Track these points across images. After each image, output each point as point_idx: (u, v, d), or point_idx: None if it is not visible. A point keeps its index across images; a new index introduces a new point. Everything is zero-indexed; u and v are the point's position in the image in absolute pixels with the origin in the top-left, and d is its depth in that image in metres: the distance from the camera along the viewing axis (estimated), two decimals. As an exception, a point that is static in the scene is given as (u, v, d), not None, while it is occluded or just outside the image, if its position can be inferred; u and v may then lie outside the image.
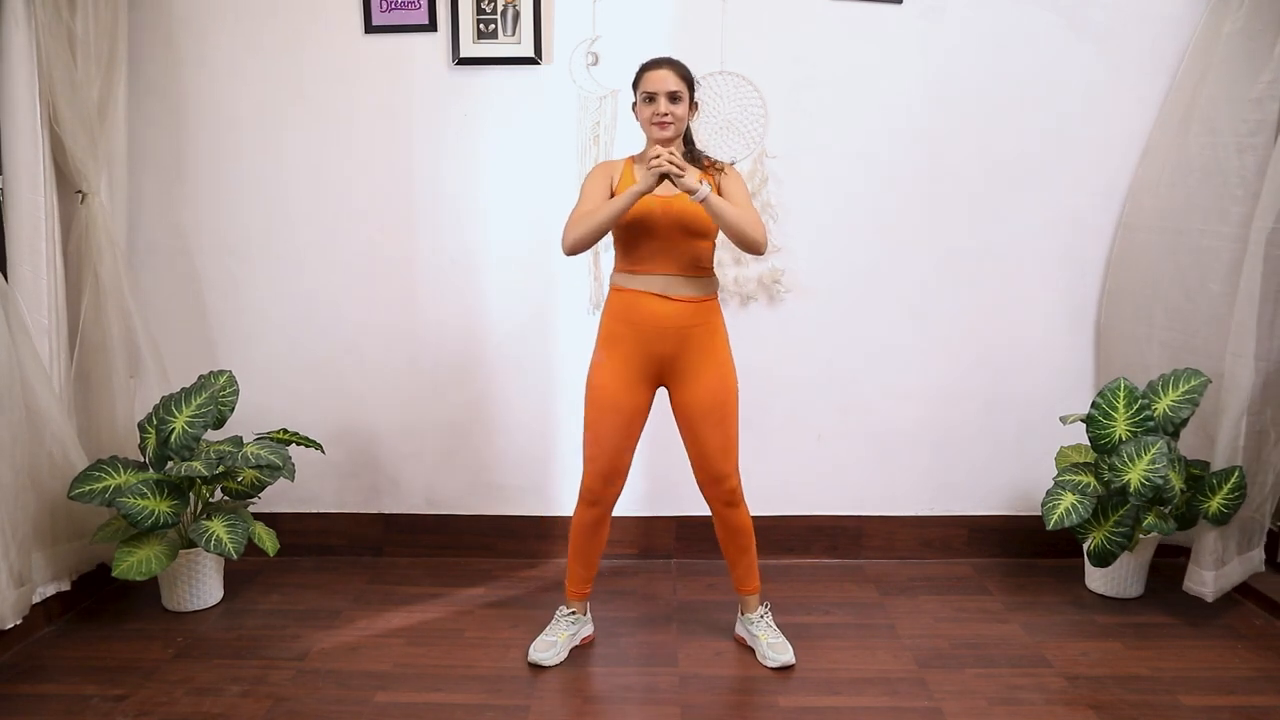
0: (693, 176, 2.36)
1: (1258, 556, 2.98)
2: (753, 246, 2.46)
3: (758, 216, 2.50)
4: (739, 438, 2.62)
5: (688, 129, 2.59)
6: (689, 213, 2.46)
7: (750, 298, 3.25)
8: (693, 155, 2.58)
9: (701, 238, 2.52)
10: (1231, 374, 2.86)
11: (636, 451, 2.66)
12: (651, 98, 2.47)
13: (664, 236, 2.49)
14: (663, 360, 2.56)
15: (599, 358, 2.63)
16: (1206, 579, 2.91)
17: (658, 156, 2.34)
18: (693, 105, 2.54)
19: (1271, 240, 2.74)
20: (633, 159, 2.60)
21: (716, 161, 2.59)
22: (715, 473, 2.60)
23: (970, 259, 3.25)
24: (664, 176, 2.34)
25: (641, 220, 2.47)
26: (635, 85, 2.53)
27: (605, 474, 2.60)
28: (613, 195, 2.53)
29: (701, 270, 2.56)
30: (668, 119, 2.46)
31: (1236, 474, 2.85)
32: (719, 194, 2.50)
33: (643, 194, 2.38)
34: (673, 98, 2.46)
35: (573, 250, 2.47)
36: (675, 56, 2.54)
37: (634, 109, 2.56)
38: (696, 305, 2.55)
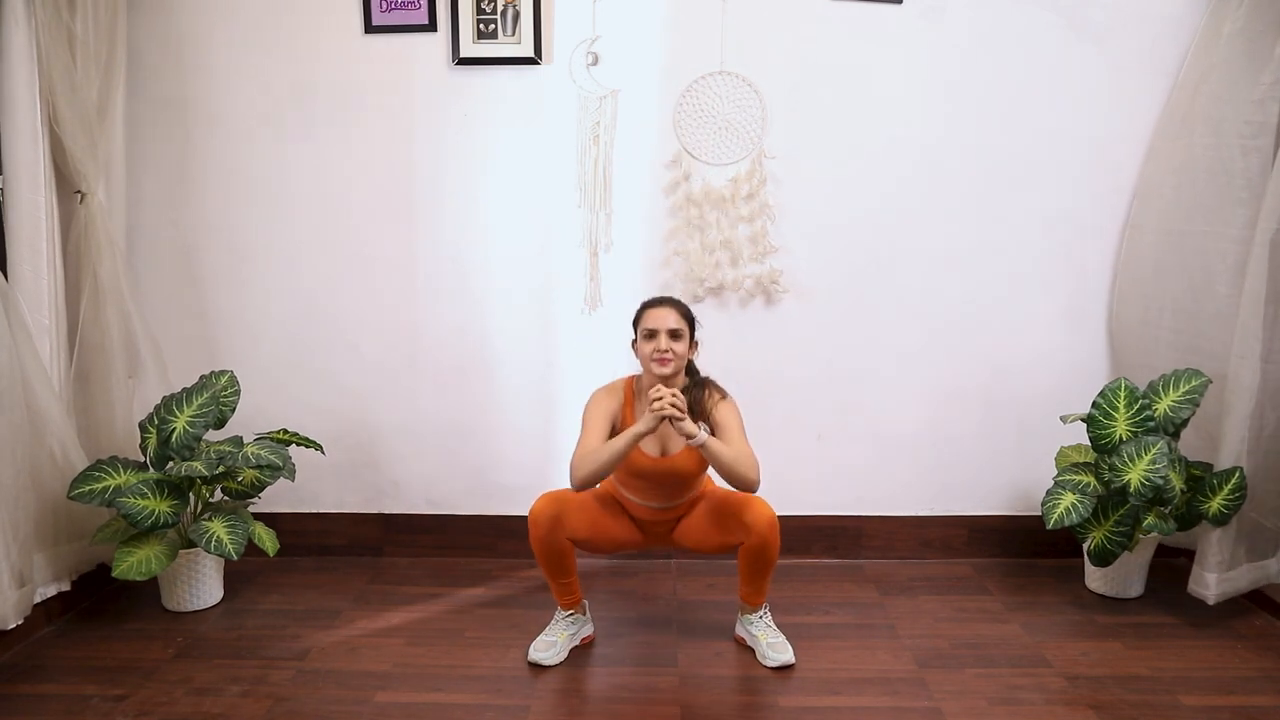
0: (691, 423, 2.43)
1: (1273, 567, 2.93)
2: (746, 486, 2.50)
3: (751, 453, 2.52)
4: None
5: (690, 363, 2.65)
6: (679, 469, 2.59)
7: (750, 296, 3.25)
8: (694, 386, 2.60)
9: (685, 487, 2.67)
10: (1236, 376, 2.85)
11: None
12: (652, 334, 2.53)
13: (656, 484, 2.65)
14: (655, 535, 2.78)
15: (602, 497, 2.76)
16: (1209, 581, 2.89)
17: (660, 399, 2.39)
18: (693, 344, 2.61)
19: (1275, 242, 2.74)
20: (632, 383, 2.67)
21: (716, 390, 2.63)
22: (748, 522, 2.54)
23: (970, 259, 3.25)
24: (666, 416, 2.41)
25: (633, 470, 2.60)
26: (636, 323, 2.61)
27: (553, 516, 2.57)
28: (614, 429, 2.60)
29: (690, 490, 2.69)
30: (668, 355, 2.52)
31: (1237, 475, 2.84)
32: (712, 424, 2.57)
33: (644, 435, 2.46)
34: (674, 335, 2.53)
35: (581, 486, 2.52)
36: (676, 297, 2.66)
37: (633, 346, 2.62)
38: (686, 505, 2.74)
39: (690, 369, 2.67)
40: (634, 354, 2.63)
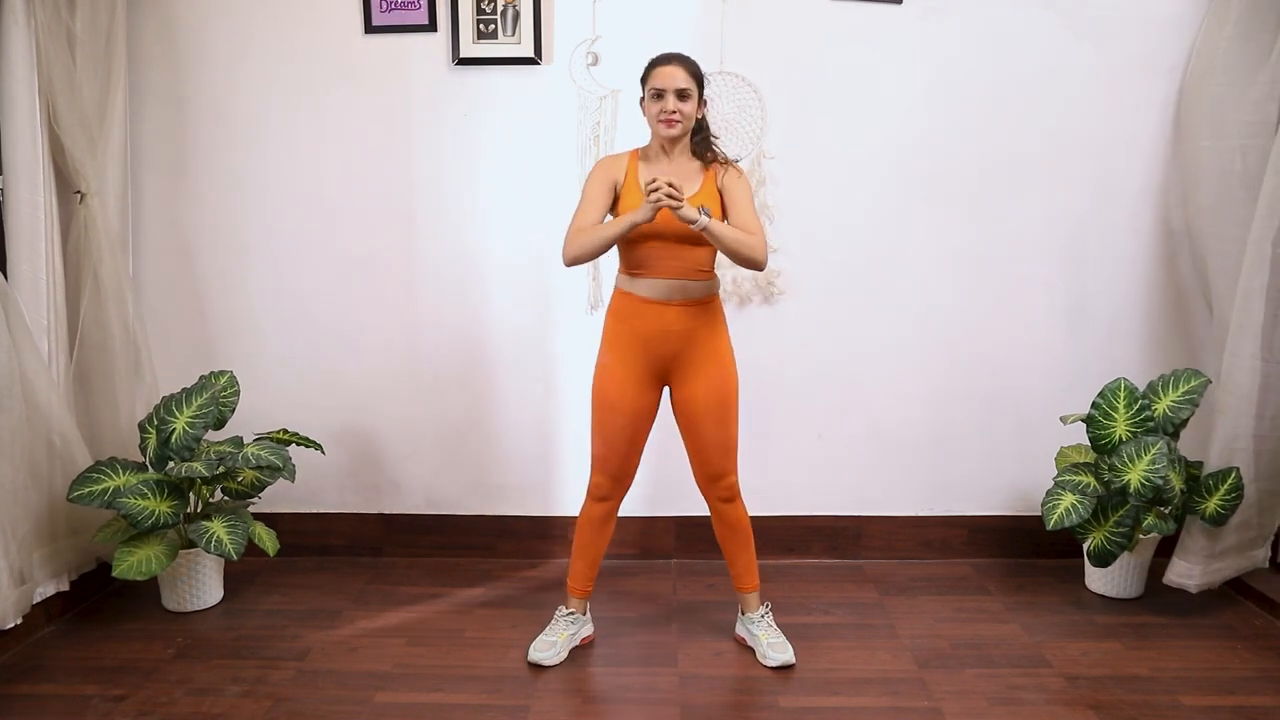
0: (691, 207, 2.35)
1: (1261, 555, 2.98)
2: (752, 266, 2.47)
3: (759, 231, 2.47)
4: (738, 436, 2.63)
5: (699, 121, 2.56)
6: (687, 231, 2.44)
7: (747, 298, 3.25)
8: (705, 147, 2.56)
9: (701, 245, 2.51)
10: (1229, 375, 2.86)
11: (637, 452, 2.67)
12: (659, 95, 2.46)
13: (664, 245, 2.49)
14: (666, 360, 2.57)
15: (604, 360, 2.63)
16: (1195, 573, 2.92)
17: (656, 189, 2.28)
18: (701, 102, 2.53)
19: (1274, 241, 2.74)
20: (637, 154, 2.59)
21: (726, 160, 2.57)
22: (714, 470, 2.61)
23: (970, 258, 3.25)
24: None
25: (641, 230, 2.45)
26: (644, 80, 2.52)
27: (614, 474, 2.62)
28: (615, 197, 2.53)
29: (702, 274, 2.55)
30: (675, 117, 2.45)
31: (1233, 475, 2.85)
32: (721, 197, 2.51)
33: (640, 224, 2.37)
34: (681, 95, 2.45)
35: (571, 264, 2.49)
36: (684, 52, 2.53)
37: (641, 104, 2.55)
38: (697, 307, 2.55)
39: (698, 127, 2.56)
40: (641, 111, 2.56)
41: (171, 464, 2.85)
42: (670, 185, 2.28)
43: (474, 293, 3.29)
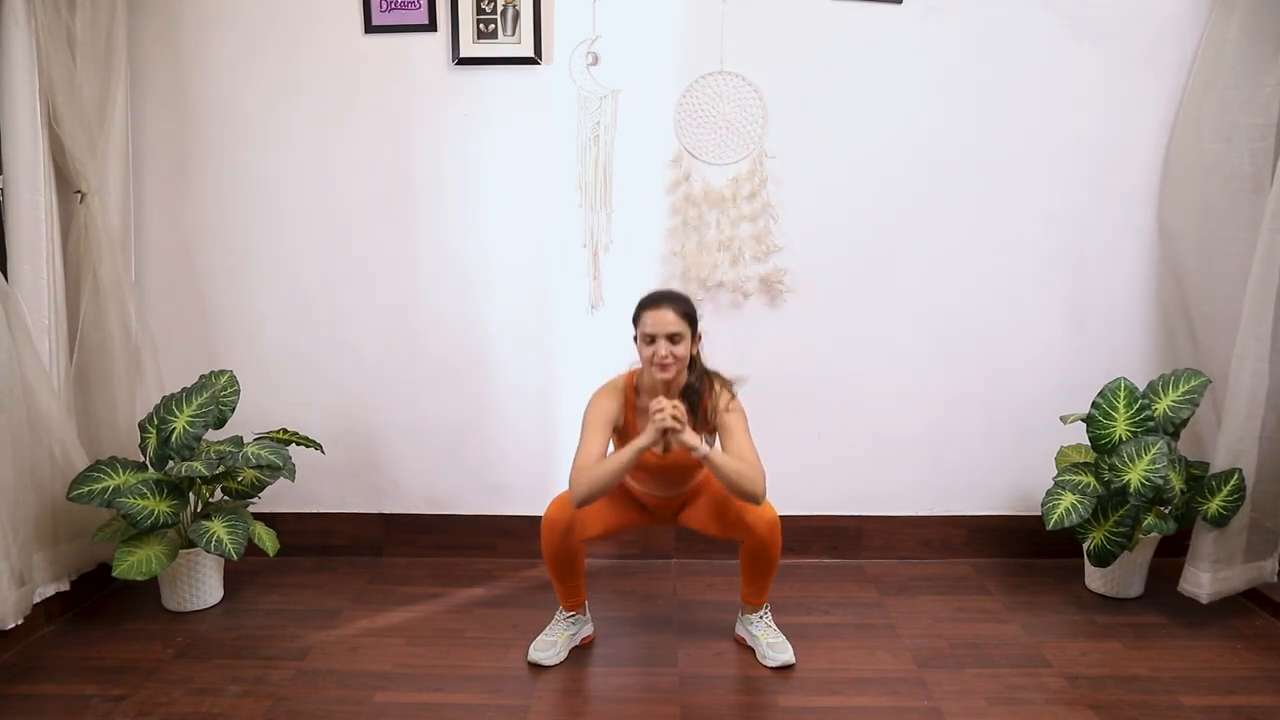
0: (692, 434, 2.41)
1: (1270, 567, 2.96)
2: (750, 500, 2.45)
3: (755, 464, 2.46)
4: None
5: (693, 357, 2.57)
6: (680, 467, 2.59)
7: (745, 297, 3.25)
8: (697, 382, 2.56)
9: (695, 470, 2.66)
10: (1236, 377, 2.85)
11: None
12: (651, 339, 2.48)
13: (659, 477, 2.66)
14: (663, 521, 2.82)
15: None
16: (1203, 581, 2.90)
17: (660, 410, 2.37)
18: (696, 337, 2.55)
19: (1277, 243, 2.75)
20: (632, 380, 2.61)
21: (723, 387, 2.57)
22: (752, 520, 2.55)
23: (970, 258, 3.25)
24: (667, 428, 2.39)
25: (637, 465, 2.50)
26: (635, 320, 2.53)
27: (568, 522, 2.56)
28: (618, 430, 2.59)
29: (694, 478, 2.71)
30: (668, 360, 2.46)
31: (1236, 476, 2.84)
32: (716, 429, 2.55)
33: (647, 448, 2.42)
34: (673, 339, 2.46)
35: (583, 504, 2.46)
36: (675, 291, 2.61)
37: (635, 339, 2.55)
38: (690, 490, 2.75)
39: (693, 363, 2.59)
40: (635, 347, 2.57)
41: (171, 463, 2.85)
42: (674, 409, 2.37)
43: (474, 292, 3.29)
